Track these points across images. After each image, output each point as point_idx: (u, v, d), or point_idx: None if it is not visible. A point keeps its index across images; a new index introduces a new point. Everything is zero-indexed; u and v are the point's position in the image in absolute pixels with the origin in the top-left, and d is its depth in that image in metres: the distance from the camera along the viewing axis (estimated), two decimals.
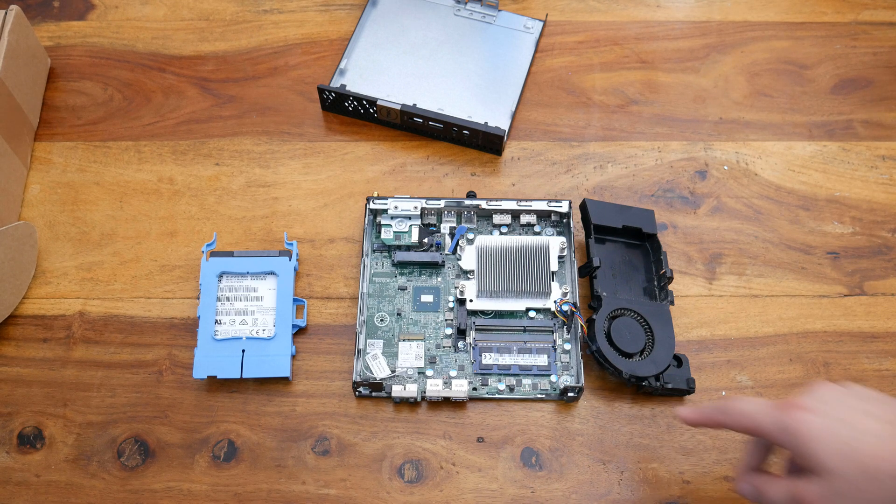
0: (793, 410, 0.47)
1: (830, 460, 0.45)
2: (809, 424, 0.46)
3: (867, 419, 0.45)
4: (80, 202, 0.72)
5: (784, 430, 0.47)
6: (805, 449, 0.46)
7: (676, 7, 0.83)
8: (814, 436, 0.46)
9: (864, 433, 0.45)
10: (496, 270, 0.66)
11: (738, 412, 0.50)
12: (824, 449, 0.45)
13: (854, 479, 0.44)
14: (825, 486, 0.45)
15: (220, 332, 0.65)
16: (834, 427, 0.45)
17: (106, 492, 0.61)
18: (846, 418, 0.46)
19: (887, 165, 0.74)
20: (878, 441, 0.44)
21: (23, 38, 0.73)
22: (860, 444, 0.44)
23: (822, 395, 0.48)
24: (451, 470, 0.61)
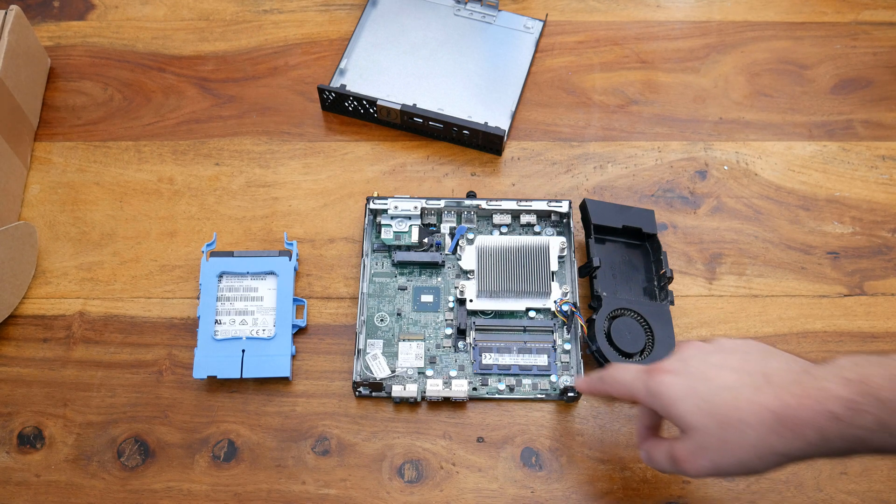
0: (656, 374, 0.49)
1: (692, 417, 0.47)
2: (671, 385, 0.48)
3: (723, 372, 0.47)
4: (80, 202, 0.72)
5: (651, 393, 0.49)
6: (670, 409, 0.48)
7: (676, 7, 0.83)
8: (676, 396, 0.47)
9: (720, 387, 0.46)
10: (496, 270, 0.66)
11: (613, 380, 0.53)
12: (686, 407, 0.47)
13: (715, 431, 0.46)
14: (692, 441, 0.47)
15: (220, 332, 0.65)
16: (693, 384, 0.47)
17: (106, 492, 0.61)
18: (704, 374, 0.47)
19: (887, 165, 0.74)
20: (733, 392, 0.46)
21: (23, 38, 0.73)
22: (716, 397, 0.46)
23: (684, 355, 0.49)
24: (451, 470, 0.61)
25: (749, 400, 0.45)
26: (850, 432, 0.43)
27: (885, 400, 0.42)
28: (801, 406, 0.44)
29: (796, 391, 0.44)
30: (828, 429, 0.43)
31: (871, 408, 0.42)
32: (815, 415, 0.43)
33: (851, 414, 0.42)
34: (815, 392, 0.43)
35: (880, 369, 0.43)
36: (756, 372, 0.46)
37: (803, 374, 0.45)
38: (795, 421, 0.44)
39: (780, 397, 0.44)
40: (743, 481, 0.60)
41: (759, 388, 0.45)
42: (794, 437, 0.44)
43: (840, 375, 0.43)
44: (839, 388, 0.43)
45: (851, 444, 0.43)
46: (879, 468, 0.61)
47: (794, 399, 0.44)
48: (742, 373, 0.47)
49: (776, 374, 0.46)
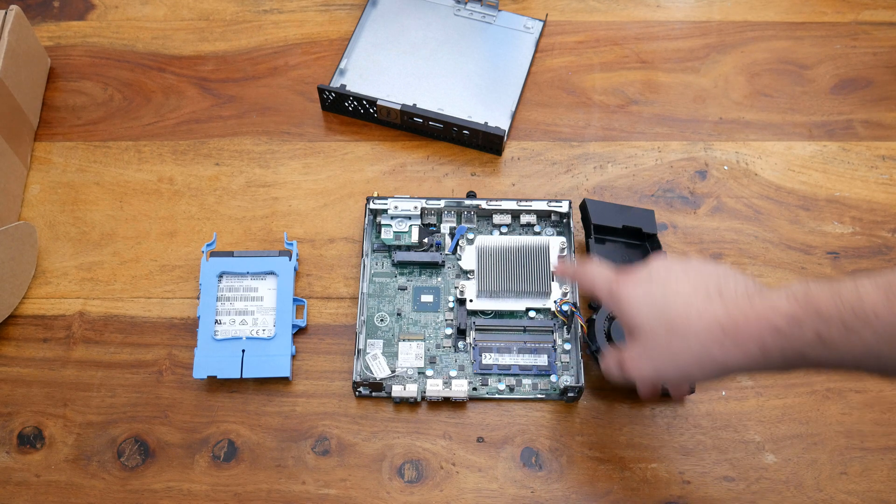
0: (622, 281, 0.51)
1: (643, 320, 0.49)
2: (631, 290, 0.50)
3: (681, 283, 0.48)
4: (80, 202, 0.72)
5: (611, 295, 0.51)
6: (626, 314, 0.50)
7: (676, 7, 0.83)
8: (633, 301, 0.50)
9: (676, 293, 0.48)
10: (496, 270, 0.66)
11: (584, 274, 0.55)
12: (640, 311, 0.49)
13: (661, 336, 0.48)
14: (639, 346, 0.49)
15: (220, 332, 0.65)
16: (651, 291, 0.49)
17: (106, 492, 0.61)
18: (664, 283, 0.49)
19: (887, 165, 0.74)
20: (685, 301, 0.47)
21: (23, 38, 0.73)
22: (669, 304, 0.48)
23: (651, 266, 0.51)
24: (451, 470, 0.61)
25: (699, 310, 0.47)
26: (790, 345, 0.44)
27: (824, 313, 0.43)
28: (747, 319, 0.45)
29: (744, 305, 0.46)
30: (769, 343, 0.44)
31: (811, 321, 0.43)
32: (759, 329, 0.44)
33: (792, 327, 0.44)
34: (762, 307, 0.45)
35: (825, 287, 0.44)
36: (712, 286, 0.48)
37: (756, 292, 0.46)
38: (739, 333, 0.45)
39: (728, 310, 0.46)
40: (743, 481, 0.61)
41: (710, 300, 0.47)
42: (735, 349, 0.45)
43: (788, 293, 0.45)
44: (784, 304, 0.44)
45: (791, 358, 0.44)
46: (879, 468, 0.61)
47: (740, 313, 0.45)
48: (699, 285, 0.48)
49: (730, 290, 0.47)
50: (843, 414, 0.63)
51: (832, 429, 0.63)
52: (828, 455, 0.62)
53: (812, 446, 0.62)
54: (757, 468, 0.61)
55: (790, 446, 0.62)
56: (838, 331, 0.42)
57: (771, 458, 0.62)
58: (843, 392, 0.64)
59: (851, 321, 0.42)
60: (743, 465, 0.61)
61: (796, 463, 0.61)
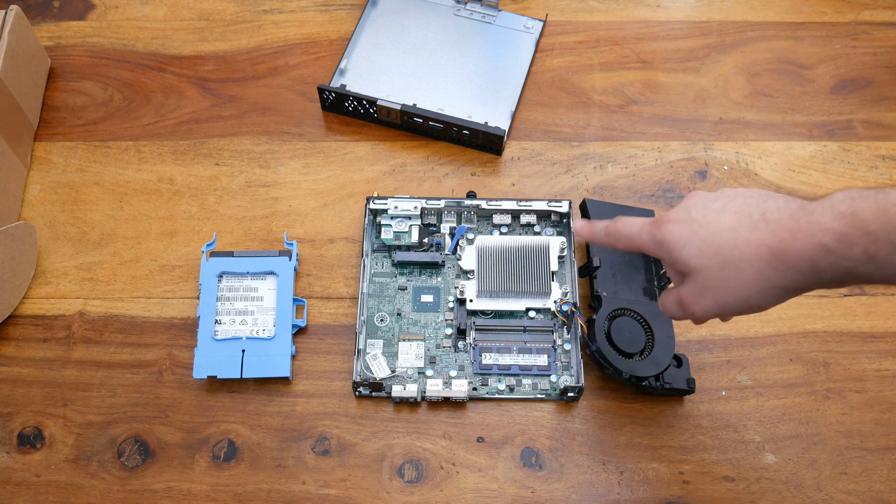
0: (662, 224, 0.50)
1: (694, 260, 0.48)
2: (675, 233, 0.49)
3: (723, 215, 0.48)
4: (80, 202, 0.72)
5: (657, 242, 0.51)
6: (675, 256, 0.49)
7: (676, 7, 0.83)
8: (679, 242, 0.49)
9: (720, 229, 0.48)
10: (496, 270, 0.66)
11: (619, 233, 0.54)
12: (689, 251, 0.49)
13: (716, 271, 0.48)
14: (695, 284, 0.49)
15: (220, 332, 0.65)
16: (695, 229, 0.49)
17: (106, 492, 0.61)
18: (706, 219, 0.49)
19: (887, 165, 0.74)
20: (732, 232, 0.47)
21: (23, 38, 0.73)
22: (716, 238, 0.48)
23: (688, 204, 0.51)
24: (451, 470, 0.61)
25: (746, 238, 0.47)
26: (840, 264, 0.44)
27: (873, 232, 0.43)
28: (795, 240, 0.45)
29: (790, 226, 0.45)
30: (819, 260, 0.44)
31: (860, 240, 0.43)
32: (808, 248, 0.44)
33: (841, 246, 0.44)
34: (808, 226, 0.45)
35: (871, 203, 0.43)
36: (754, 212, 0.48)
37: (799, 210, 0.46)
38: (789, 254, 0.45)
39: (775, 233, 0.46)
40: (743, 481, 0.61)
41: (755, 227, 0.47)
42: (788, 270, 0.45)
43: (833, 209, 0.44)
44: (831, 222, 0.44)
45: (841, 275, 0.45)
46: (879, 468, 0.61)
47: (788, 234, 0.45)
48: (741, 214, 0.48)
49: (773, 212, 0.47)
50: (843, 414, 0.63)
51: (832, 429, 0.63)
52: (828, 455, 0.62)
53: (812, 446, 0.62)
54: (757, 468, 0.61)
55: (790, 446, 0.62)
56: (886, 248, 0.42)
57: (771, 458, 0.62)
58: (843, 392, 0.64)
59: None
60: (743, 465, 0.61)
61: (796, 463, 0.61)
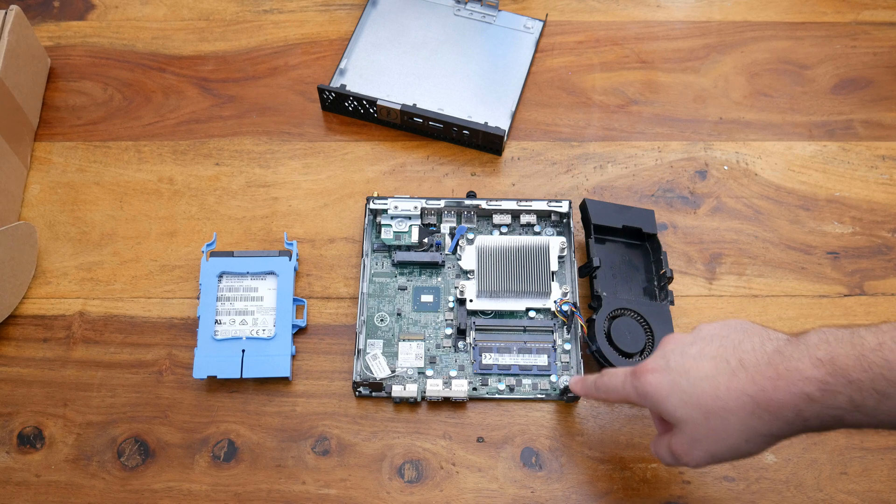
0: (641, 375, 0.50)
1: (679, 412, 0.48)
2: (655, 384, 0.49)
3: (701, 362, 0.48)
4: (80, 202, 0.72)
5: (640, 395, 0.50)
6: (660, 407, 0.49)
7: (676, 7, 0.83)
8: (661, 394, 0.49)
9: (700, 378, 0.47)
10: (496, 270, 0.66)
11: (605, 388, 0.54)
12: (673, 403, 0.48)
13: (702, 422, 0.47)
14: (684, 435, 0.49)
15: (220, 332, 0.65)
16: (675, 380, 0.48)
17: (106, 492, 0.61)
18: (684, 367, 0.48)
19: (887, 165, 0.74)
20: (711, 381, 0.47)
21: (23, 38, 0.73)
22: (697, 389, 0.47)
23: (665, 350, 0.50)
24: (451, 470, 0.61)
25: (727, 387, 0.46)
26: (826, 412, 0.44)
27: (855, 381, 0.42)
28: (776, 388, 0.44)
29: (770, 373, 0.45)
30: (804, 409, 0.44)
31: (843, 388, 0.43)
32: (791, 396, 0.44)
33: (825, 395, 0.43)
34: (788, 373, 0.44)
35: (849, 348, 0.43)
36: (731, 357, 0.47)
37: (775, 355, 0.46)
38: (772, 403, 0.45)
39: (754, 381, 0.45)
40: (743, 481, 0.61)
41: (734, 374, 0.46)
42: (773, 419, 0.45)
43: (811, 355, 0.44)
44: (811, 370, 0.43)
45: (829, 422, 0.44)
46: (879, 468, 0.61)
47: (768, 382, 0.45)
48: (718, 359, 0.47)
49: (749, 356, 0.46)
50: None
51: None
52: (828, 455, 0.62)
53: (812, 446, 0.62)
54: (757, 468, 0.61)
55: (790, 446, 0.62)
56: (872, 397, 0.42)
57: (771, 458, 0.62)
58: None
59: (883, 387, 0.42)
60: (743, 465, 0.61)
61: (796, 463, 0.61)
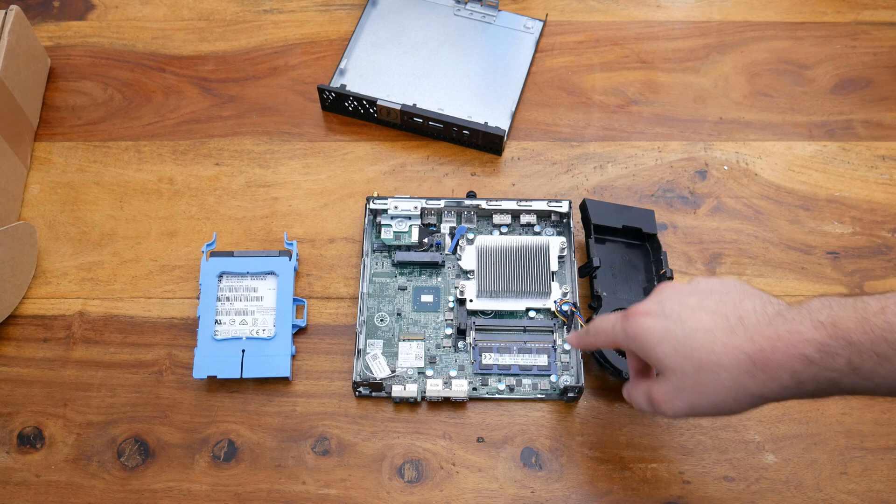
0: (633, 317, 0.49)
1: (669, 359, 0.47)
2: (648, 329, 0.48)
3: (700, 314, 0.47)
4: (80, 202, 0.72)
5: (629, 336, 0.49)
6: (647, 351, 0.48)
7: (676, 7, 0.83)
8: (653, 338, 0.48)
9: (696, 329, 0.46)
10: (496, 270, 0.66)
11: (596, 331, 0.53)
12: (663, 350, 0.47)
13: (691, 373, 0.46)
14: (668, 383, 0.48)
15: (220, 332, 0.65)
16: (670, 326, 0.47)
17: (106, 492, 0.61)
18: (681, 316, 0.47)
19: (887, 165, 0.74)
20: (708, 335, 0.46)
21: (23, 38, 0.73)
22: (692, 340, 0.46)
23: (661, 297, 0.49)
24: (451, 470, 0.61)
25: (724, 343, 0.45)
26: (823, 375, 0.43)
27: (856, 343, 0.42)
28: (775, 349, 0.44)
29: (770, 334, 0.44)
30: (801, 371, 0.43)
31: (843, 350, 0.42)
32: (789, 358, 0.43)
33: (824, 357, 0.43)
34: (788, 335, 0.44)
35: (851, 312, 0.43)
36: (731, 313, 0.46)
37: (777, 317, 0.45)
38: (770, 363, 0.44)
39: (754, 340, 0.45)
40: (743, 481, 0.61)
41: (733, 331, 0.46)
42: (768, 379, 0.44)
43: (812, 318, 0.44)
44: (812, 332, 0.43)
45: (824, 386, 0.44)
46: (879, 468, 0.61)
47: (768, 342, 0.44)
48: (718, 315, 0.47)
49: (750, 316, 0.46)
50: (843, 414, 0.63)
51: (832, 429, 0.63)
52: (828, 455, 0.62)
53: (812, 446, 0.62)
54: (757, 468, 0.61)
55: (790, 446, 0.62)
56: (871, 359, 0.42)
57: (771, 458, 0.62)
58: None
59: (883, 349, 0.41)
60: (743, 465, 0.61)
61: (796, 463, 0.61)
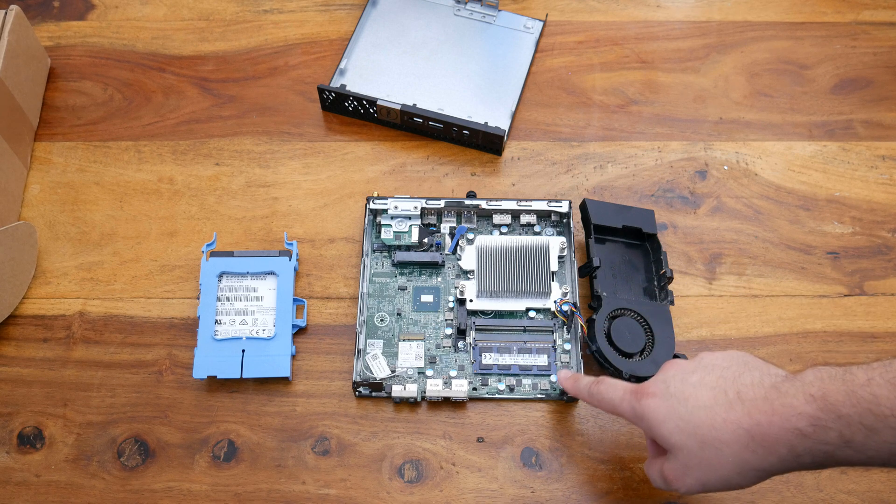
0: (642, 398, 0.51)
1: (674, 438, 0.49)
2: (654, 409, 0.50)
3: (701, 391, 0.48)
4: (80, 202, 0.72)
5: (637, 416, 0.51)
6: (654, 431, 0.50)
7: (676, 7, 0.83)
8: (658, 418, 0.49)
9: (698, 407, 0.48)
10: (496, 270, 0.66)
11: (601, 398, 0.55)
12: (668, 429, 0.49)
13: (696, 451, 0.48)
14: (677, 461, 0.49)
15: (220, 332, 0.65)
16: (674, 406, 0.49)
17: (106, 492, 0.61)
18: (684, 394, 0.49)
19: (887, 165, 0.74)
20: (709, 411, 0.47)
21: (23, 38, 0.73)
22: (694, 418, 0.48)
23: (666, 376, 0.51)
24: (451, 470, 0.61)
25: (724, 418, 0.47)
26: (817, 448, 0.44)
27: (845, 416, 0.43)
28: (770, 423, 0.45)
29: (765, 408, 0.46)
30: (797, 445, 0.44)
31: (834, 424, 0.43)
32: (784, 432, 0.45)
33: (816, 430, 0.44)
34: (782, 409, 0.45)
35: (840, 384, 0.44)
36: (730, 389, 0.48)
37: (772, 391, 0.46)
38: (766, 438, 0.45)
39: (751, 415, 0.46)
40: None
41: (732, 406, 0.47)
42: (766, 453, 0.46)
43: (805, 392, 0.45)
44: (804, 405, 0.44)
45: (820, 459, 0.45)
46: (879, 468, 0.61)
47: (763, 416, 0.45)
48: (718, 390, 0.48)
49: (747, 390, 0.47)
50: None
51: None
52: None
53: None
54: None
55: None
56: (861, 432, 0.43)
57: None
58: None
59: (871, 422, 0.42)
60: None
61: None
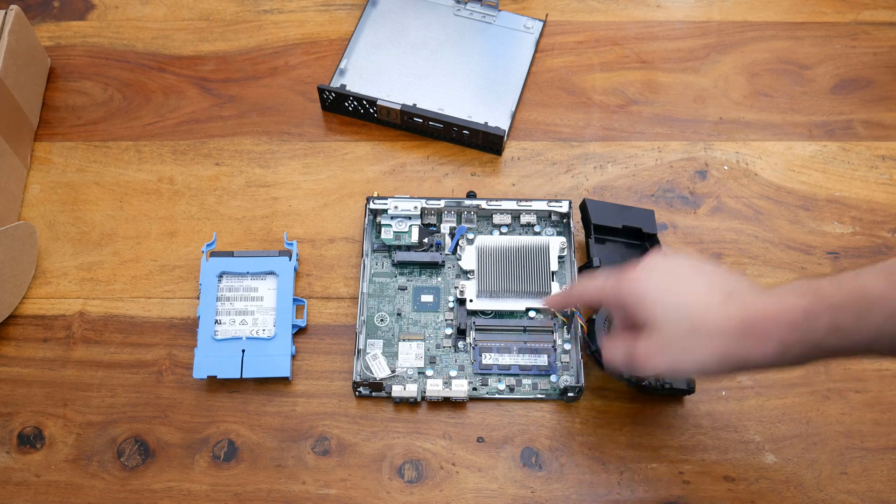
0: (631, 272, 0.52)
1: (664, 315, 0.49)
2: (643, 287, 0.50)
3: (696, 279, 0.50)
4: (80, 202, 0.72)
5: (626, 293, 0.51)
6: (643, 308, 0.50)
7: (676, 7, 0.83)
8: (649, 296, 0.50)
9: (694, 292, 0.49)
10: (496, 270, 0.66)
11: (581, 289, 0.55)
12: (658, 304, 0.49)
13: (682, 333, 0.48)
14: (655, 341, 0.49)
15: (220, 332, 0.65)
16: (669, 286, 0.50)
17: (106, 492, 0.61)
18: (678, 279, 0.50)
19: (887, 165, 0.74)
20: (706, 297, 0.49)
21: (23, 38, 0.73)
22: (689, 301, 0.49)
23: (650, 264, 0.52)
24: (451, 470, 0.61)
25: (719, 307, 0.48)
26: (807, 338, 0.46)
27: (836, 303, 0.45)
28: (764, 317, 0.46)
29: (758, 304, 0.47)
30: (787, 337, 0.46)
31: (825, 312, 0.45)
32: (777, 325, 0.46)
33: (808, 319, 0.45)
34: (776, 305, 0.47)
35: (830, 279, 0.46)
36: (724, 285, 0.49)
37: (765, 291, 0.48)
38: (759, 331, 0.46)
39: (745, 307, 0.47)
40: (743, 481, 0.61)
41: (729, 297, 0.48)
42: (756, 344, 0.47)
43: (795, 290, 0.47)
44: (796, 299, 0.46)
45: (808, 350, 0.46)
46: (879, 468, 0.61)
47: (756, 311, 0.47)
48: (713, 284, 0.49)
49: (738, 290, 0.49)
50: (843, 414, 0.63)
51: (832, 429, 0.63)
52: (828, 455, 0.62)
53: (812, 446, 0.62)
54: (757, 468, 0.61)
55: (790, 446, 0.62)
56: (851, 317, 0.44)
57: (771, 458, 0.62)
58: (843, 392, 0.64)
59: (861, 306, 0.44)
60: (743, 465, 0.61)
61: (796, 463, 0.61)
